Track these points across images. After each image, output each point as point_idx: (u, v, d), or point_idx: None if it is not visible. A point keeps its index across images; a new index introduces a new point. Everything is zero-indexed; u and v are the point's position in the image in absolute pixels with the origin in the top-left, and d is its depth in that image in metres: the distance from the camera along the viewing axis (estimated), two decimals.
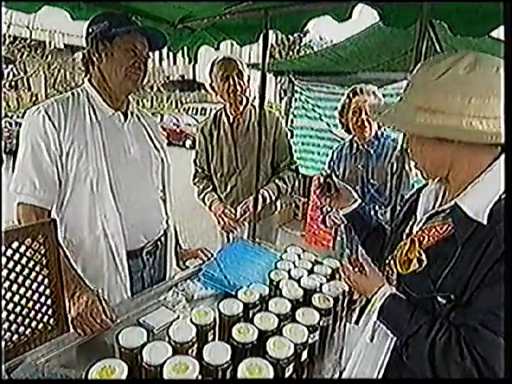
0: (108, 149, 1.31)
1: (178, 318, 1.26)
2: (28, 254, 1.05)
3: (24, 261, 1.04)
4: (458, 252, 0.76)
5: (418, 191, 1.00)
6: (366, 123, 1.99)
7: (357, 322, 0.96)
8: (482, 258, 0.72)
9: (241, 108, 2.12)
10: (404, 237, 0.94)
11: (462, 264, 0.75)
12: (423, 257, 0.82)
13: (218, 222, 2.23)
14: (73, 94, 1.34)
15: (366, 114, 1.96)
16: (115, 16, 1.32)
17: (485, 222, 0.73)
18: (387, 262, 0.97)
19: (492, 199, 0.75)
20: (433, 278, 0.79)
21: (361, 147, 2.07)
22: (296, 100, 4.69)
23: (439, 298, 0.78)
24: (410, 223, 0.96)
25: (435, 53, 3.27)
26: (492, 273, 0.71)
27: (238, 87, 2.02)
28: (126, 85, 1.31)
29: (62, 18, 1.86)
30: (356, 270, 0.99)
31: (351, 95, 2.05)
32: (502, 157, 0.77)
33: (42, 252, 1.07)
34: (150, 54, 1.38)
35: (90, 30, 1.30)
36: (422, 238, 0.84)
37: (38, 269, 1.07)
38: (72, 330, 1.17)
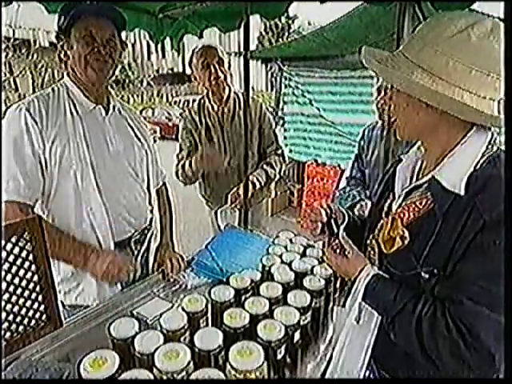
0: (90, 142, 1.30)
1: (172, 307, 1.27)
2: (15, 251, 1.04)
3: (11, 258, 1.03)
4: (438, 225, 0.76)
5: (394, 167, 0.99)
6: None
7: (344, 305, 0.96)
8: (463, 229, 0.72)
9: (224, 96, 2.09)
10: (383, 215, 0.94)
11: (444, 237, 0.75)
12: (406, 234, 0.82)
13: (202, 167, 2.05)
14: (53, 89, 1.33)
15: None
16: (71, 6, 1.27)
17: (462, 193, 0.73)
18: (368, 241, 0.97)
19: (467, 170, 0.74)
20: (415, 254, 0.79)
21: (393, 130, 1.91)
22: (286, 86, 4.67)
23: (423, 274, 0.78)
24: (389, 201, 0.95)
25: None
26: (474, 244, 0.71)
27: (220, 74, 1.99)
28: (91, 75, 1.28)
29: (45, 15, 1.82)
30: (337, 251, 0.97)
31: None
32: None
33: (29, 249, 1.07)
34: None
35: (56, 29, 1.29)
36: (402, 215, 0.84)
37: (26, 266, 1.07)
38: (65, 325, 1.18)
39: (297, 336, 1.02)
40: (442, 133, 0.79)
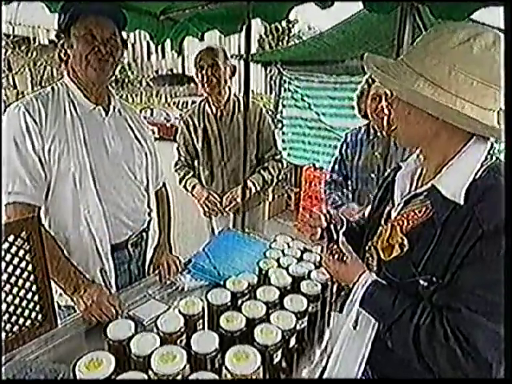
0: (89, 144, 1.29)
1: (169, 309, 1.27)
2: (12, 251, 1.04)
3: (8, 258, 1.03)
4: (437, 234, 0.76)
5: (393, 175, 0.99)
6: (386, 110, 1.81)
7: (340, 311, 0.96)
8: (462, 238, 0.72)
9: (222, 100, 2.10)
10: (382, 222, 0.94)
11: (442, 245, 0.75)
12: (405, 242, 0.82)
13: (202, 208, 2.24)
14: (52, 88, 1.31)
15: (385, 100, 1.81)
16: (71, 4, 1.25)
17: (462, 203, 0.74)
18: (367, 248, 0.97)
19: (467, 180, 0.75)
20: (414, 262, 0.80)
21: (379, 134, 1.96)
22: (285, 90, 4.68)
23: (421, 281, 0.78)
24: (388, 208, 0.95)
25: None
26: (472, 253, 0.71)
27: (214, 79, 1.98)
28: (91, 74, 1.27)
29: (45, 13, 1.82)
30: (336, 257, 0.97)
31: (370, 81, 1.90)
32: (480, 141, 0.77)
33: (27, 248, 1.07)
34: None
35: (56, 26, 1.27)
36: (401, 223, 0.84)
37: (23, 265, 1.07)
38: (61, 326, 1.17)
39: (293, 341, 1.01)
40: (442, 141, 0.80)
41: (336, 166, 2.17)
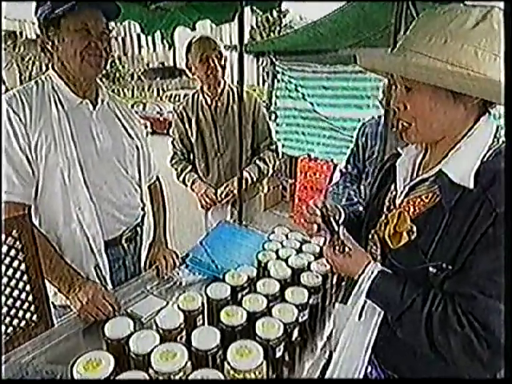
0: (77, 139, 1.25)
1: (167, 305, 1.25)
2: (3, 250, 1.01)
3: None
4: (446, 219, 0.74)
5: (392, 162, 0.97)
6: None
7: (345, 302, 0.94)
8: (473, 223, 0.71)
9: (219, 90, 2.07)
10: (385, 209, 0.92)
11: (452, 231, 0.74)
12: (414, 229, 0.81)
13: (200, 201, 2.23)
14: (37, 82, 1.26)
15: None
16: None
17: (471, 187, 0.72)
18: (370, 237, 0.95)
19: (475, 163, 0.73)
20: (422, 249, 0.78)
21: None
22: (278, 81, 4.64)
23: (430, 268, 0.77)
24: (389, 195, 0.93)
25: None
26: (485, 238, 0.69)
27: (219, 68, 1.96)
28: (86, 70, 1.22)
29: (31, 5, 1.74)
30: (337, 248, 0.93)
31: None
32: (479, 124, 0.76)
33: (19, 247, 1.04)
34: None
35: (38, 15, 1.20)
36: (407, 209, 0.83)
37: (15, 265, 1.04)
38: (57, 325, 1.15)
39: (295, 333, 1.00)
40: (456, 128, 0.78)
41: (351, 159, 2.09)
